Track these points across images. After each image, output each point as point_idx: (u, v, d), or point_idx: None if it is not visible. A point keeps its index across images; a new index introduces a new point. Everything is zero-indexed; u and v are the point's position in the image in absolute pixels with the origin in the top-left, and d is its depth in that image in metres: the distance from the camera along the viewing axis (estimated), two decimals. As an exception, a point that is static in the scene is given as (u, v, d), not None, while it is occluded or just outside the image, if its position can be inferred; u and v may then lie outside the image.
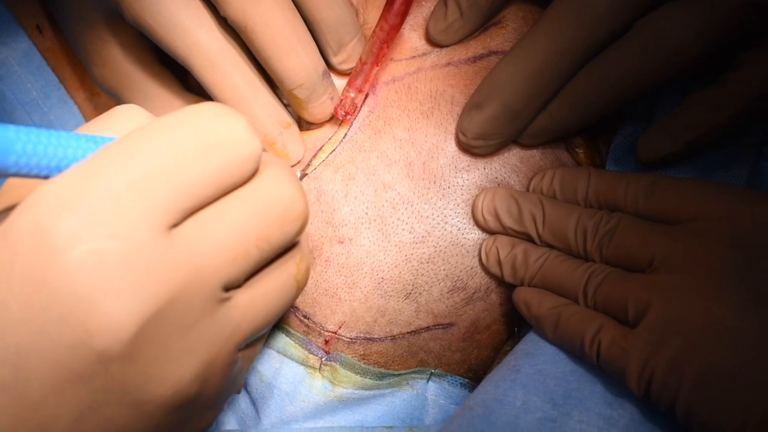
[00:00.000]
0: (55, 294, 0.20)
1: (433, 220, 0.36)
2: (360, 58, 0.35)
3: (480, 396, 0.32)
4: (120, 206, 0.21)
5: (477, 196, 0.36)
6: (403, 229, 0.36)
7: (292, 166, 0.37)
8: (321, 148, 0.37)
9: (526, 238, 0.35)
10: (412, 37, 0.38)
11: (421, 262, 0.36)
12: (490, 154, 0.36)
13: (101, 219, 0.20)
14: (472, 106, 0.35)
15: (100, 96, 0.44)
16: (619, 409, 0.30)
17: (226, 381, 0.26)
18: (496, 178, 0.36)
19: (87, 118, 0.44)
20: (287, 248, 0.27)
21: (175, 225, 0.22)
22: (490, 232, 0.36)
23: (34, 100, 0.42)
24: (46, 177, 0.22)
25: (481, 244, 0.36)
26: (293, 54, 0.33)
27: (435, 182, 0.36)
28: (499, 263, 0.35)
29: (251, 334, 0.26)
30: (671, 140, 0.34)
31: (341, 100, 0.36)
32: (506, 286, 0.36)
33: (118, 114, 0.26)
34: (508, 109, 0.33)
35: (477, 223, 0.36)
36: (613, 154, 0.38)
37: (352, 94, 0.36)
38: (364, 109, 0.37)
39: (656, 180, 0.32)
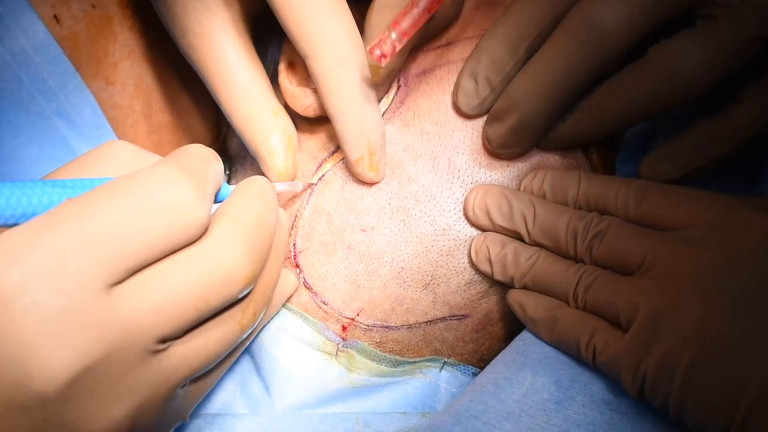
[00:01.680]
0: (1, 337, 0.22)
1: (455, 214, 0.37)
2: None
3: (490, 374, 0.33)
4: (64, 263, 0.23)
5: (470, 191, 0.36)
6: (425, 221, 0.37)
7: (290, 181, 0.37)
8: None
9: (516, 236, 0.36)
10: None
11: (441, 254, 0.37)
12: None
13: (46, 274, 0.23)
14: (494, 117, 0.36)
15: (115, 85, 0.45)
16: (622, 395, 0.31)
17: (165, 415, 0.28)
18: (518, 176, 0.37)
19: (102, 107, 0.44)
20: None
21: (118, 282, 0.24)
22: (481, 228, 0.37)
23: (51, 89, 0.42)
24: (12, 225, 0.25)
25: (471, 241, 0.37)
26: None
27: (458, 177, 0.37)
28: (489, 261, 0.35)
29: (190, 376, 0.28)
30: (674, 167, 0.35)
31: (379, 40, 0.31)
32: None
33: (105, 152, 0.29)
34: (525, 123, 0.35)
35: (467, 219, 0.37)
36: (623, 153, 0.39)
37: (393, 35, 0.31)
38: (396, 101, 0.38)
39: (647, 186, 0.33)
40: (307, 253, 0.38)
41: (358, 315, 0.37)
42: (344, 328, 0.37)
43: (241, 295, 0.28)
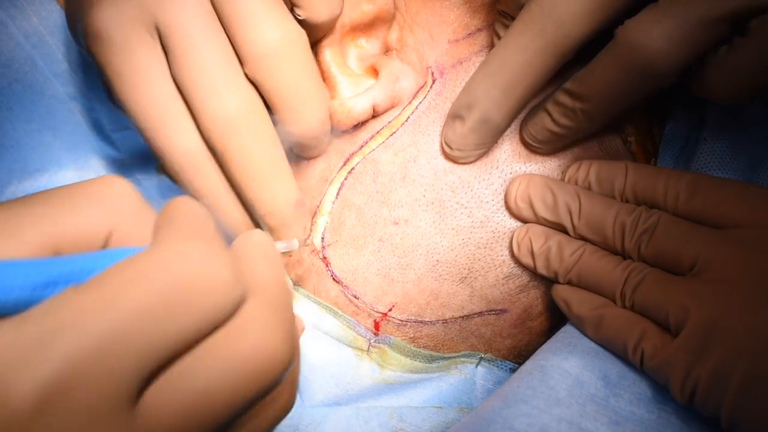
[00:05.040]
0: None
1: (493, 205, 0.35)
2: None
3: (537, 361, 0.32)
4: (84, 373, 0.19)
5: (511, 182, 0.35)
6: (462, 213, 0.35)
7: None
8: (379, 131, 0.36)
9: (560, 228, 0.34)
10: (460, 12, 0.37)
11: (479, 247, 0.35)
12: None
13: (63, 387, 0.19)
14: (454, 116, 0.34)
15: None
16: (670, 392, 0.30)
17: None
18: (558, 166, 0.36)
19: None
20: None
21: (144, 388, 0.21)
22: (522, 220, 0.35)
23: (66, 71, 0.41)
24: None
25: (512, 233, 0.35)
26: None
27: (497, 167, 0.35)
28: (532, 254, 0.34)
29: None
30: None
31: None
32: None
33: (98, 190, 0.24)
34: (487, 120, 0.33)
35: (509, 210, 0.35)
36: (666, 139, 0.37)
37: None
38: (431, 93, 0.36)
39: (698, 179, 0.31)
40: (335, 246, 0.36)
41: (390, 310, 0.36)
42: (376, 324, 0.36)
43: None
